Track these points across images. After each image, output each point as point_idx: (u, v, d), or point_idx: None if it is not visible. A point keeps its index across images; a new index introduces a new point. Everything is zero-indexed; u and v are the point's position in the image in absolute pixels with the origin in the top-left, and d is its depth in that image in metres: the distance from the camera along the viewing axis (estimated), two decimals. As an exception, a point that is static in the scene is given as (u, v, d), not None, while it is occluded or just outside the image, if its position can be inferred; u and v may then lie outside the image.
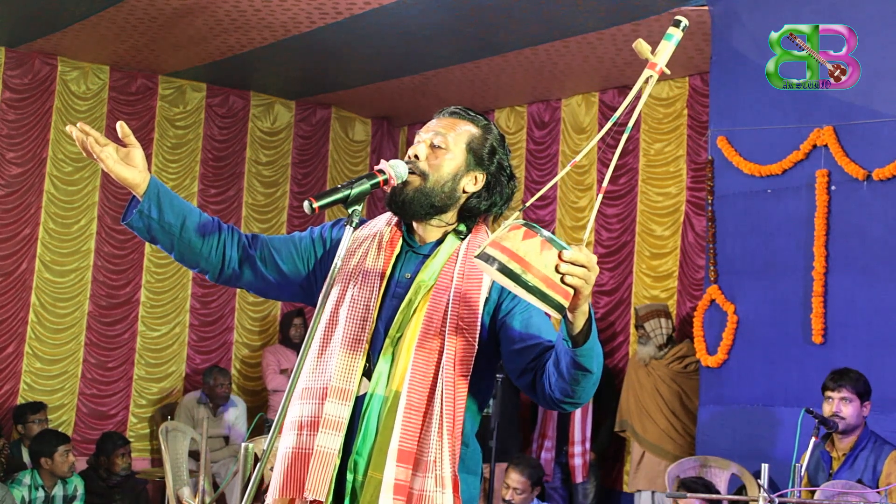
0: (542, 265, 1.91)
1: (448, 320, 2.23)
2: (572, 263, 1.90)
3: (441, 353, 2.21)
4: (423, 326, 2.23)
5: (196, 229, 2.34)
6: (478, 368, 2.24)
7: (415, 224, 2.39)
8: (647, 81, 2.11)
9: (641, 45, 2.11)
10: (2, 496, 5.85)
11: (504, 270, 1.91)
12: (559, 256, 1.90)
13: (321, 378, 2.28)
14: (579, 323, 1.99)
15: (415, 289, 2.29)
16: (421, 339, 2.22)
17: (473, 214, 2.39)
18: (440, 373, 2.19)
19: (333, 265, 2.19)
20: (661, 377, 6.77)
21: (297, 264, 2.44)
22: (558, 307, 1.93)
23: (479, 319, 2.24)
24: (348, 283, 2.34)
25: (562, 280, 1.91)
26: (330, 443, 2.23)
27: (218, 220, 2.42)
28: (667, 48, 2.13)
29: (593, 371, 2.06)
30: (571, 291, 1.92)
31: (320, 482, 2.21)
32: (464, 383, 2.21)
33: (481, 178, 2.38)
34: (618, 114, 2.17)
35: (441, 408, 2.17)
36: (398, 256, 2.38)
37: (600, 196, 2.15)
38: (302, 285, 2.46)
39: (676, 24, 2.14)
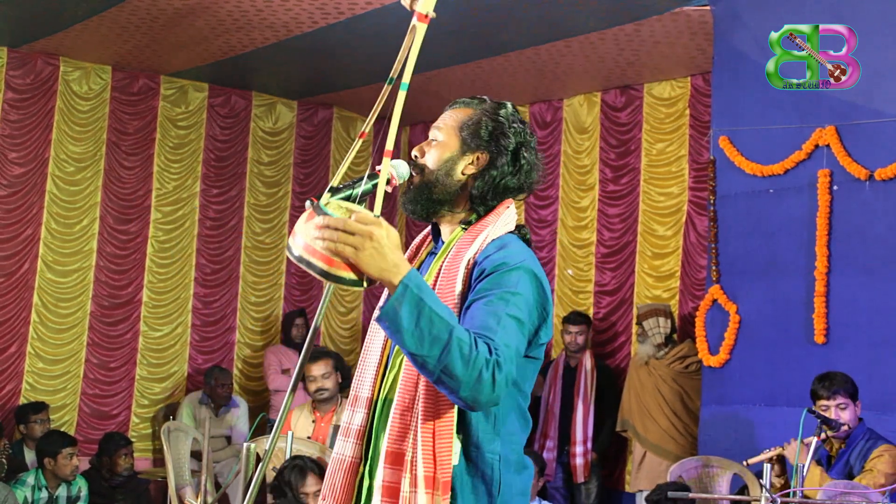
0: (305, 234, 1.94)
1: None
2: (325, 227, 1.90)
3: None
4: None
5: None
6: None
7: (440, 224, 2.36)
8: (413, 33, 2.08)
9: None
10: (4, 496, 5.85)
11: (288, 249, 1.97)
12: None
13: (355, 386, 2.30)
14: (391, 295, 1.95)
15: None
16: None
17: (484, 199, 2.29)
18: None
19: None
20: (663, 377, 6.77)
21: None
22: (323, 273, 1.93)
23: (458, 313, 2.17)
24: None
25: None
26: (345, 449, 2.24)
27: None
28: None
29: (413, 351, 1.94)
30: (334, 257, 1.92)
31: (336, 487, 2.23)
32: None
33: (484, 158, 2.29)
34: (393, 73, 2.15)
35: (419, 406, 2.12)
36: (423, 261, 2.37)
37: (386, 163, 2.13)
38: None
39: None
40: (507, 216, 2.29)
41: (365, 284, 1.96)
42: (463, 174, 2.29)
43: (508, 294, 2.09)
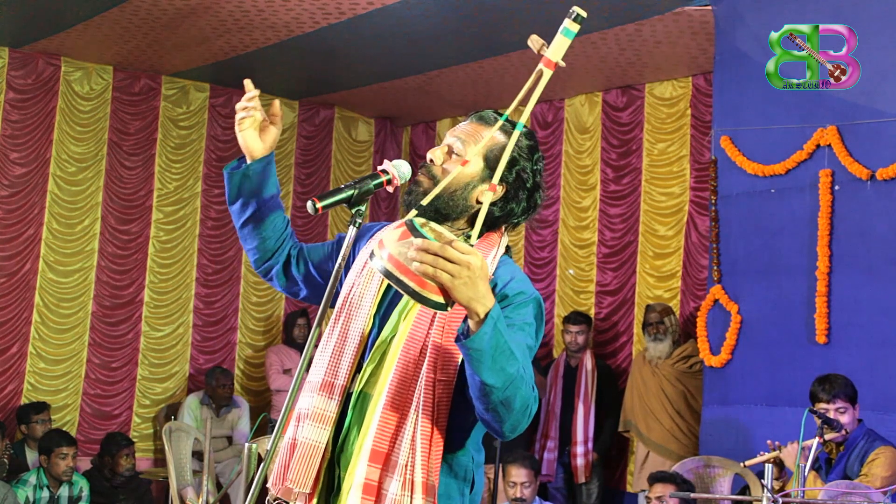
0: (397, 251, 1.96)
1: (434, 325, 2.21)
2: (424, 251, 1.91)
3: (424, 356, 2.19)
4: (411, 329, 2.22)
5: (276, 211, 2.55)
6: (462, 378, 2.18)
7: None
8: (539, 77, 2.11)
9: (534, 41, 2.13)
10: (3, 495, 5.86)
11: (375, 264, 1.97)
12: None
13: (318, 372, 2.28)
14: (473, 324, 1.96)
15: None
16: (408, 341, 2.20)
17: (488, 223, 2.32)
18: (420, 376, 2.16)
19: (337, 264, 2.20)
20: (666, 377, 6.77)
21: (327, 264, 2.54)
22: (413, 293, 1.94)
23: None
24: (355, 281, 2.34)
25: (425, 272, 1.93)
26: (314, 435, 2.22)
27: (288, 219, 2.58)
28: (562, 43, 2.15)
29: (486, 381, 1.98)
30: (427, 280, 1.93)
31: (303, 474, 2.21)
32: (445, 389, 2.17)
33: (501, 189, 2.33)
34: (509, 111, 2.18)
35: (418, 411, 2.14)
36: None
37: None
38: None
39: (572, 16, 2.14)
40: (506, 237, 2.38)
41: (449, 309, 1.99)
42: (477, 201, 2.33)
43: (525, 324, 2.19)
